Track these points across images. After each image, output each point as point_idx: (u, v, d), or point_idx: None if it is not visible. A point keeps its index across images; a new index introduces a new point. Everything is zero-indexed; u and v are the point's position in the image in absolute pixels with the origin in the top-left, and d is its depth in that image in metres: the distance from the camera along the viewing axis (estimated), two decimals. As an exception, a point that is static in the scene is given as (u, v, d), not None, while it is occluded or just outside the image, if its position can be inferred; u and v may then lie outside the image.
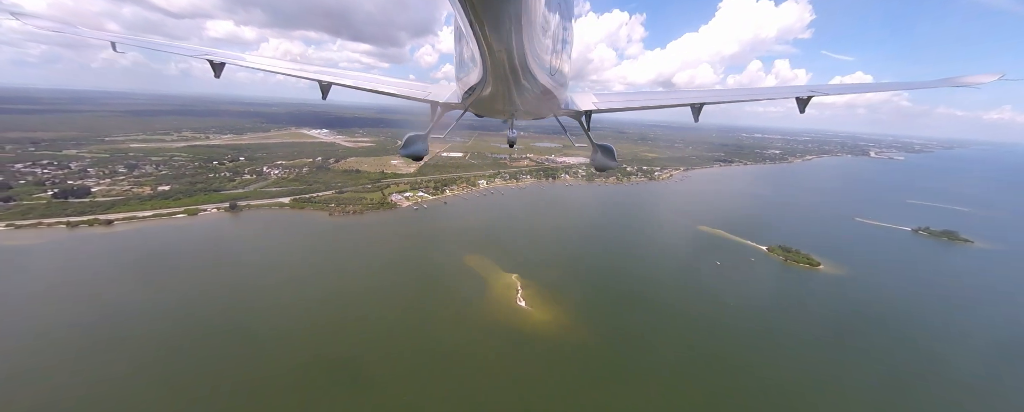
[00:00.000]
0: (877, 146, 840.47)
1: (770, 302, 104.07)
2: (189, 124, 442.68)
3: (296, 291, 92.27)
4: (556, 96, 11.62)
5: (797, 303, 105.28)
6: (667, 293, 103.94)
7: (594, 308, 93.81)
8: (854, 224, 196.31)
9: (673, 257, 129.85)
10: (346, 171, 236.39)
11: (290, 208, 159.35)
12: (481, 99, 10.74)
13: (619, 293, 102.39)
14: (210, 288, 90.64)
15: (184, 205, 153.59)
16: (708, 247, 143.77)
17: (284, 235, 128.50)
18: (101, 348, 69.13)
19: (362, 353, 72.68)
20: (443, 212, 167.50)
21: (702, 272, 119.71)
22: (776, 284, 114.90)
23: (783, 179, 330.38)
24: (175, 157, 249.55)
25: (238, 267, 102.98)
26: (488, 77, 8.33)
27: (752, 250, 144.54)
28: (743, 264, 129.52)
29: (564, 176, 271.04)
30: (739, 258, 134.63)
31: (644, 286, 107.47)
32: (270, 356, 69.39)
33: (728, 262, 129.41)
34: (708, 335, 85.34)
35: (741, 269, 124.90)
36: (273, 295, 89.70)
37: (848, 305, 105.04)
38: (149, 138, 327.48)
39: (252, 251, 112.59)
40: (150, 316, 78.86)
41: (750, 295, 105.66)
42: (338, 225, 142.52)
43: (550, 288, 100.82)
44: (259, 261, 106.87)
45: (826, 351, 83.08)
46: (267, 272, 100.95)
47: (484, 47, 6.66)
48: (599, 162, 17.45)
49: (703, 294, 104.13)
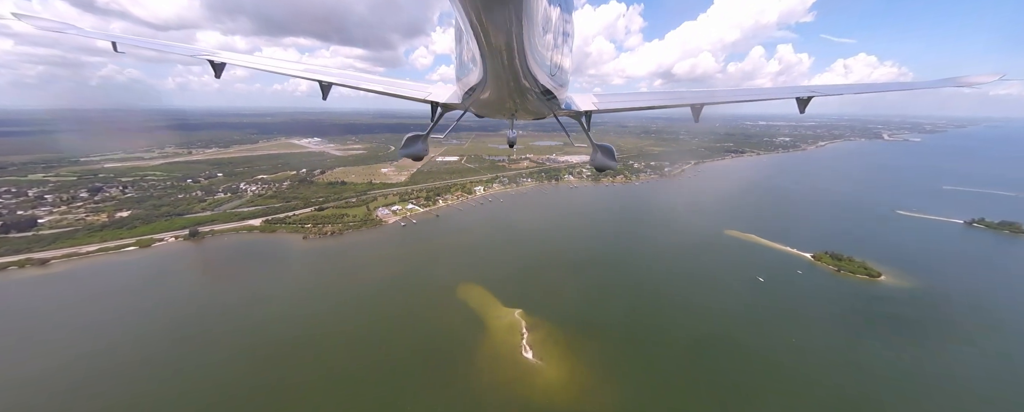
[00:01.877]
0: (888, 127, 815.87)
1: (843, 332, 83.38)
2: (175, 139, 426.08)
3: (229, 353, 72.44)
4: (556, 96, 11.40)
5: (876, 331, 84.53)
6: (708, 327, 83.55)
7: (621, 357, 73.60)
8: (897, 218, 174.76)
9: (705, 274, 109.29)
10: (331, 184, 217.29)
11: (260, 231, 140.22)
12: (481, 100, 10.71)
13: (648, 330, 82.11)
14: (101, 358, 70.30)
15: (139, 234, 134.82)
16: (742, 258, 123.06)
17: (242, 268, 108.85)
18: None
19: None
20: (434, 228, 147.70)
21: (746, 293, 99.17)
22: (840, 307, 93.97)
23: (802, 168, 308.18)
24: (148, 176, 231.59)
25: (157, 323, 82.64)
26: (488, 78, 8.32)
27: (794, 259, 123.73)
28: (790, 279, 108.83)
29: (568, 177, 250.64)
30: (782, 271, 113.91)
31: (677, 317, 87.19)
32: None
33: (772, 277, 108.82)
34: (783, 399, 64.87)
35: (790, 287, 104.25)
36: (196, 361, 69.99)
37: (939, 329, 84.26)
38: (128, 156, 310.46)
39: (189, 299, 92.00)
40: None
41: (815, 326, 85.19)
42: (311, 251, 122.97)
43: (562, 327, 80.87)
44: (192, 315, 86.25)
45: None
46: (199, 327, 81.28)
47: (484, 48, 6.70)
48: (599, 162, 16.78)
49: (755, 327, 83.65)
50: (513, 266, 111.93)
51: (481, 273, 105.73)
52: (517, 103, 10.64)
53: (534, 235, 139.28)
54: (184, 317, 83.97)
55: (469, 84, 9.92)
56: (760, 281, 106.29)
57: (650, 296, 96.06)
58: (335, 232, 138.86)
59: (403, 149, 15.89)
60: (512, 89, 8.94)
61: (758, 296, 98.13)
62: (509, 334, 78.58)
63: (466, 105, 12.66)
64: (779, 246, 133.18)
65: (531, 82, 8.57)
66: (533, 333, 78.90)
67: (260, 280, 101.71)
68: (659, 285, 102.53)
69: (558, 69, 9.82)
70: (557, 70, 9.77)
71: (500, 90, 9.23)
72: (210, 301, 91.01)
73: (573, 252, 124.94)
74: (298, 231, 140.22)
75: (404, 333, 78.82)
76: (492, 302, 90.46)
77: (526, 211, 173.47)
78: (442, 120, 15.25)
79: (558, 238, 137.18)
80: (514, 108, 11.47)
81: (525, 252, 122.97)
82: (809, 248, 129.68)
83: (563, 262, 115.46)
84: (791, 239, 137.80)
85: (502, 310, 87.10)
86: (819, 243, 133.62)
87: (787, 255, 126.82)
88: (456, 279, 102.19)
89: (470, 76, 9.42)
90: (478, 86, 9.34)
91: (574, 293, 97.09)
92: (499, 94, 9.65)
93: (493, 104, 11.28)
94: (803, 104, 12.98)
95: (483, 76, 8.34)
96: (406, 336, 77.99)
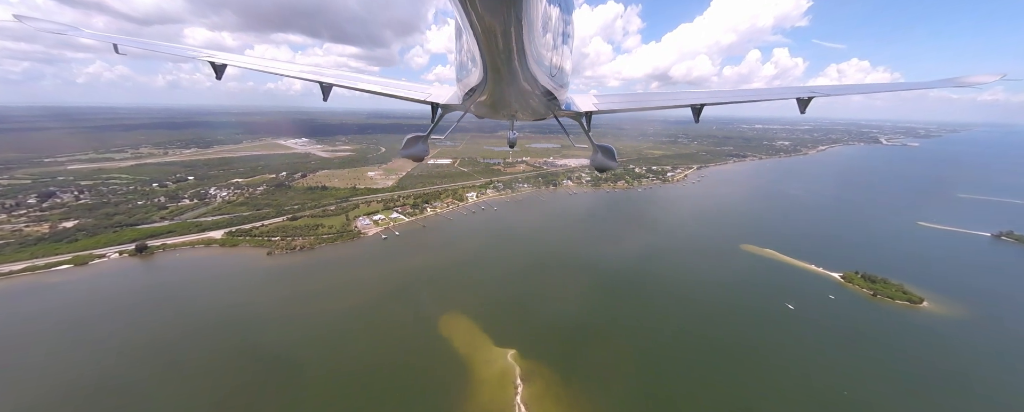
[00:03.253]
0: (881, 131, 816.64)
1: (902, 380, 69.60)
2: (155, 138, 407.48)
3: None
4: (556, 97, 11.35)
5: (939, 378, 70.91)
6: (744, 375, 69.23)
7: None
8: (919, 231, 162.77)
9: (727, 299, 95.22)
10: (311, 189, 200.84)
11: (220, 245, 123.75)
12: (481, 101, 10.59)
13: (672, 381, 67.58)
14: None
15: (79, 249, 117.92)
16: (765, 279, 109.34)
17: (186, 295, 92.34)
18: None
19: None
20: (419, 241, 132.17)
21: (778, 326, 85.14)
22: (885, 342, 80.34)
23: (807, 174, 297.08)
24: (111, 180, 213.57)
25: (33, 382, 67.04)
26: (488, 79, 8.22)
27: (821, 280, 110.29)
28: (823, 307, 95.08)
29: (566, 182, 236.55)
30: (812, 295, 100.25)
31: (705, 360, 72.83)
32: None
33: (801, 303, 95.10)
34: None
35: (826, 317, 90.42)
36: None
37: (1014, 375, 70.85)
38: (97, 157, 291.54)
39: (102, 341, 75.91)
40: None
41: (867, 371, 71.29)
42: (272, 270, 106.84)
43: (565, 376, 66.12)
44: (85, 360, 70.84)
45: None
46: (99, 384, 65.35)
47: (484, 49, 6.65)
48: (599, 162, 16.61)
49: (800, 377, 69.48)
50: (506, 290, 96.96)
51: (469, 300, 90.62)
52: (517, 104, 10.71)
53: (530, 250, 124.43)
54: (73, 377, 67.76)
55: (469, 85, 9.87)
56: (790, 309, 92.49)
57: (671, 333, 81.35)
58: (305, 246, 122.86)
59: (404, 150, 15.81)
60: (512, 90, 9.00)
61: (793, 330, 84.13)
62: (500, 387, 63.51)
63: (466, 106, 12.57)
64: (802, 264, 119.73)
65: (531, 83, 8.59)
66: (529, 385, 63.97)
67: (197, 312, 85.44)
68: (674, 313, 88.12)
69: (558, 70, 9.73)
70: (557, 71, 9.68)
71: (500, 91, 9.22)
72: (118, 349, 74.80)
73: (575, 272, 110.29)
74: (263, 245, 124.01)
75: (365, 390, 63.32)
76: (480, 340, 75.33)
77: (522, 222, 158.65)
78: (442, 121, 15.33)
79: (557, 254, 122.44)
80: (514, 109, 11.45)
81: (520, 272, 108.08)
82: (834, 266, 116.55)
83: (564, 286, 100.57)
84: (813, 255, 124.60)
85: (492, 352, 72.04)
86: (844, 260, 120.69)
87: (812, 275, 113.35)
88: (439, 308, 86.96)
89: (470, 77, 9.40)
90: (478, 87, 9.21)
91: (578, 327, 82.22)
92: (499, 95, 9.66)
93: (493, 105, 11.13)
94: (803, 104, 12.94)
95: (483, 77, 8.26)
96: (368, 393, 62.57)
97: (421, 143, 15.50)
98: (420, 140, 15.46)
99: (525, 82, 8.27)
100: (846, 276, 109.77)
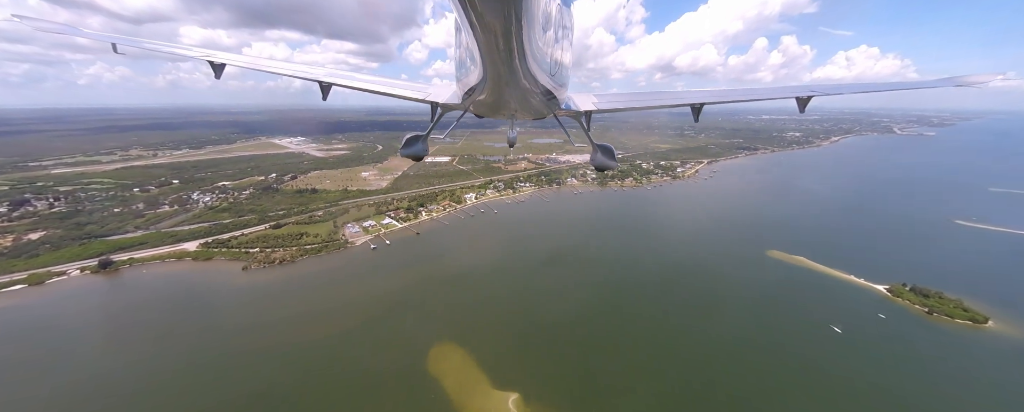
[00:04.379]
0: (892, 120, 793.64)
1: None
2: (148, 139, 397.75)
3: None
4: (556, 96, 11.30)
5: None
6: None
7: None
8: (958, 230, 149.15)
9: (762, 322, 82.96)
10: (300, 192, 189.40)
11: (193, 259, 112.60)
12: (481, 100, 10.58)
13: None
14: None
15: (41, 265, 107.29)
16: (800, 294, 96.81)
17: (145, 320, 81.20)
18: None
19: None
20: (412, 251, 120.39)
21: (824, 352, 72.89)
22: (958, 375, 67.71)
23: (824, 168, 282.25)
24: (92, 184, 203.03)
25: None
26: (488, 78, 8.23)
27: (863, 294, 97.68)
28: (875, 328, 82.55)
29: (570, 180, 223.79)
30: (857, 313, 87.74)
31: (739, 399, 60.81)
32: None
33: (848, 323, 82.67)
34: None
35: (877, 338, 78.04)
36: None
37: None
38: (85, 160, 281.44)
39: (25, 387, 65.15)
40: None
41: (934, 408, 59.03)
42: (246, 289, 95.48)
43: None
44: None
45: None
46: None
47: (483, 48, 6.62)
48: (599, 162, 16.66)
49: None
50: (507, 313, 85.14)
51: (464, 325, 78.94)
52: (517, 104, 10.66)
53: (534, 264, 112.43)
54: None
55: (469, 84, 9.81)
56: (837, 332, 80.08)
57: (701, 380, 69.14)
58: (286, 259, 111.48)
59: (403, 149, 15.89)
60: (512, 90, 8.94)
61: (843, 359, 71.76)
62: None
63: (466, 105, 12.59)
64: (838, 274, 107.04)
65: (531, 83, 8.54)
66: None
67: (158, 341, 74.32)
68: (710, 353, 75.92)
69: (558, 68, 9.74)
70: (557, 69, 9.68)
71: (500, 91, 9.23)
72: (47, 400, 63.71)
73: (585, 290, 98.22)
74: (241, 257, 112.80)
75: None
76: (476, 380, 63.66)
77: (524, 227, 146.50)
78: (442, 120, 15.35)
79: (564, 268, 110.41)
80: (514, 109, 11.51)
81: (522, 291, 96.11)
82: (875, 275, 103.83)
83: (572, 308, 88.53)
84: (848, 263, 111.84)
85: (491, 396, 60.36)
86: (883, 268, 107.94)
87: (852, 288, 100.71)
88: (430, 336, 75.30)
89: (469, 76, 9.36)
90: (478, 86, 9.24)
91: (591, 357, 70.33)
92: (499, 95, 9.62)
93: (493, 104, 11.18)
94: (803, 104, 12.82)
95: (483, 76, 8.24)
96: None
97: (421, 142, 15.64)
98: (420, 139, 15.62)
99: (525, 81, 8.27)
100: (893, 289, 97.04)
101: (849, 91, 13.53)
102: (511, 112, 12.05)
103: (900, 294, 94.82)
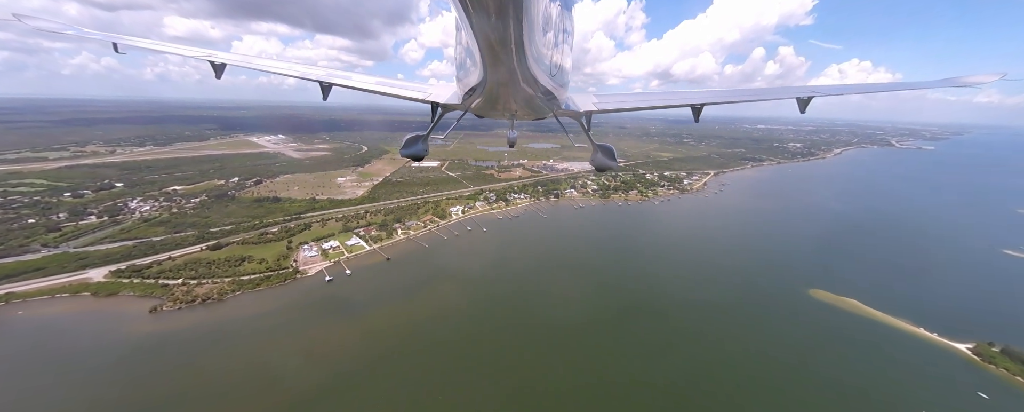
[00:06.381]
0: (886, 133, 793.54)
1: None
2: (112, 134, 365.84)
3: None
4: (556, 96, 11.36)
5: None
6: None
7: None
8: (1012, 264, 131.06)
9: (828, 406, 61.69)
10: (260, 200, 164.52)
11: (93, 294, 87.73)
12: (481, 100, 10.62)
13: None
14: None
15: None
16: (857, 351, 76.04)
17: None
18: None
19: None
20: (376, 285, 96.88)
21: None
22: None
23: (836, 182, 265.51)
24: (20, 187, 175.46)
25: None
26: (488, 79, 8.25)
27: (941, 354, 77.43)
28: (973, 409, 61.97)
29: (569, 192, 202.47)
30: (949, 388, 67.20)
31: None
32: None
33: (935, 401, 62.05)
34: None
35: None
36: None
37: None
38: (30, 156, 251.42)
39: None
40: None
41: None
42: (144, 345, 71.00)
43: None
44: None
45: None
46: None
47: (484, 48, 6.63)
48: (599, 162, 16.68)
49: None
50: (491, 385, 62.58)
51: (433, 403, 56.11)
52: (518, 104, 10.64)
53: (528, 303, 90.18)
54: None
55: (469, 85, 9.80)
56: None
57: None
58: (212, 295, 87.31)
59: (404, 149, 15.67)
60: (512, 90, 8.97)
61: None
62: None
63: (466, 106, 12.56)
64: (902, 324, 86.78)
65: (531, 83, 8.55)
66: None
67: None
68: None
69: (558, 69, 9.75)
70: (557, 70, 9.69)
71: (500, 91, 9.26)
72: None
73: (588, 348, 76.28)
74: (154, 292, 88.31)
75: None
76: None
77: (517, 249, 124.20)
78: (442, 120, 15.20)
79: (566, 309, 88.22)
80: (515, 109, 11.53)
81: (511, 345, 73.70)
82: (939, 324, 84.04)
83: (580, 370, 66.34)
84: (909, 308, 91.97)
85: None
86: (948, 316, 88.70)
87: (925, 345, 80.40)
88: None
89: (470, 77, 9.35)
90: (478, 87, 9.24)
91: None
92: (499, 95, 9.69)
93: (493, 105, 11.14)
94: (803, 104, 12.94)
95: (483, 77, 8.27)
96: None
97: (421, 143, 15.50)
98: (420, 140, 15.46)
99: (525, 82, 8.27)
100: (979, 351, 76.85)
101: (848, 92, 13.81)
102: (512, 112, 12.06)
103: (991, 358, 74.68)
